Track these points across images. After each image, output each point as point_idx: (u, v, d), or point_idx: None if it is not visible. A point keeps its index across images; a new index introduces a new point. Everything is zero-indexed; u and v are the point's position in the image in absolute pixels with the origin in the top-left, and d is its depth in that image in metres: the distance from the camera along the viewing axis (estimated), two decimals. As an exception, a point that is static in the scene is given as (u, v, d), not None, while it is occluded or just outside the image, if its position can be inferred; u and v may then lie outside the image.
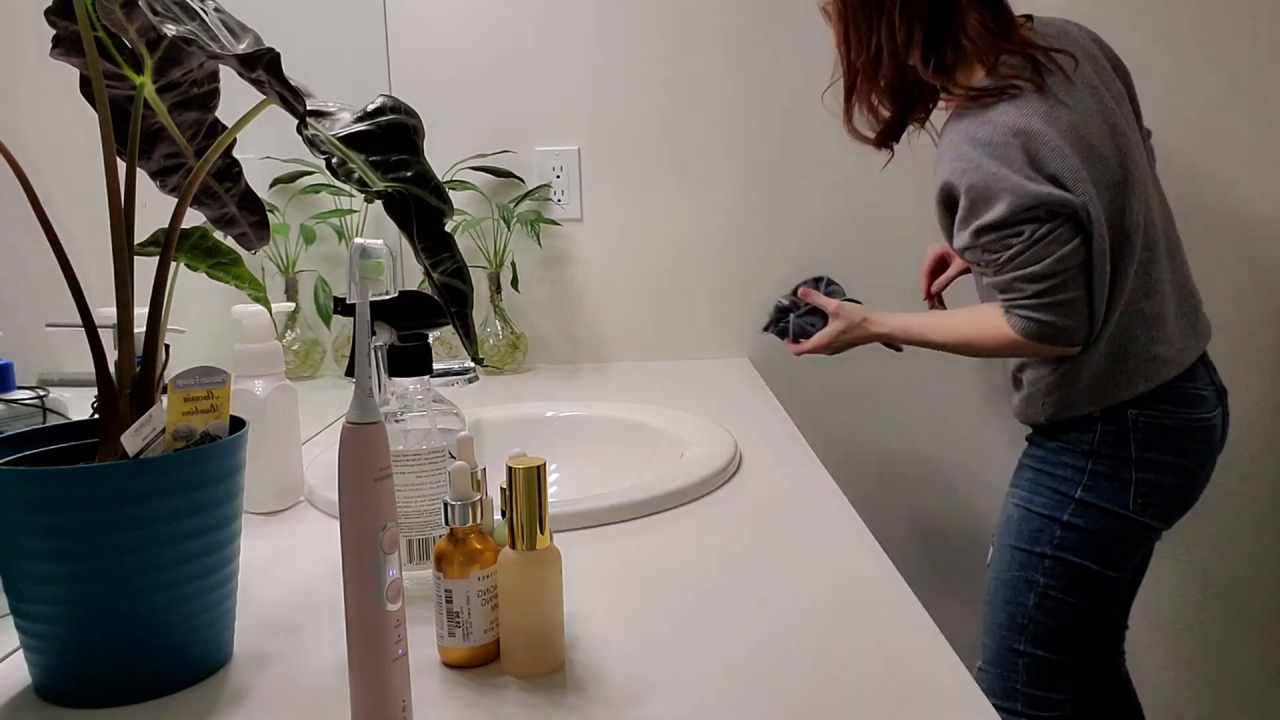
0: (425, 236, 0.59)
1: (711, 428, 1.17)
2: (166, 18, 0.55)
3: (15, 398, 0.71)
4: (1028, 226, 1.23)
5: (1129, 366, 1.31)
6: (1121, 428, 1.32)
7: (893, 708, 0.57)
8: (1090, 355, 1.30)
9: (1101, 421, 1.32)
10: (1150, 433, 1.32)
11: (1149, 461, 1.31)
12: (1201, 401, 1.34)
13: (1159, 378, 1.31)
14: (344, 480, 0.52)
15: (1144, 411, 1.32)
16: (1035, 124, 1.24)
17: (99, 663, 0.59)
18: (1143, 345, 1.31)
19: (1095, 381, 1.32)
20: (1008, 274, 1.26)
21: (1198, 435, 1.34)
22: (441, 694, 0.60)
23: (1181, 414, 1.32)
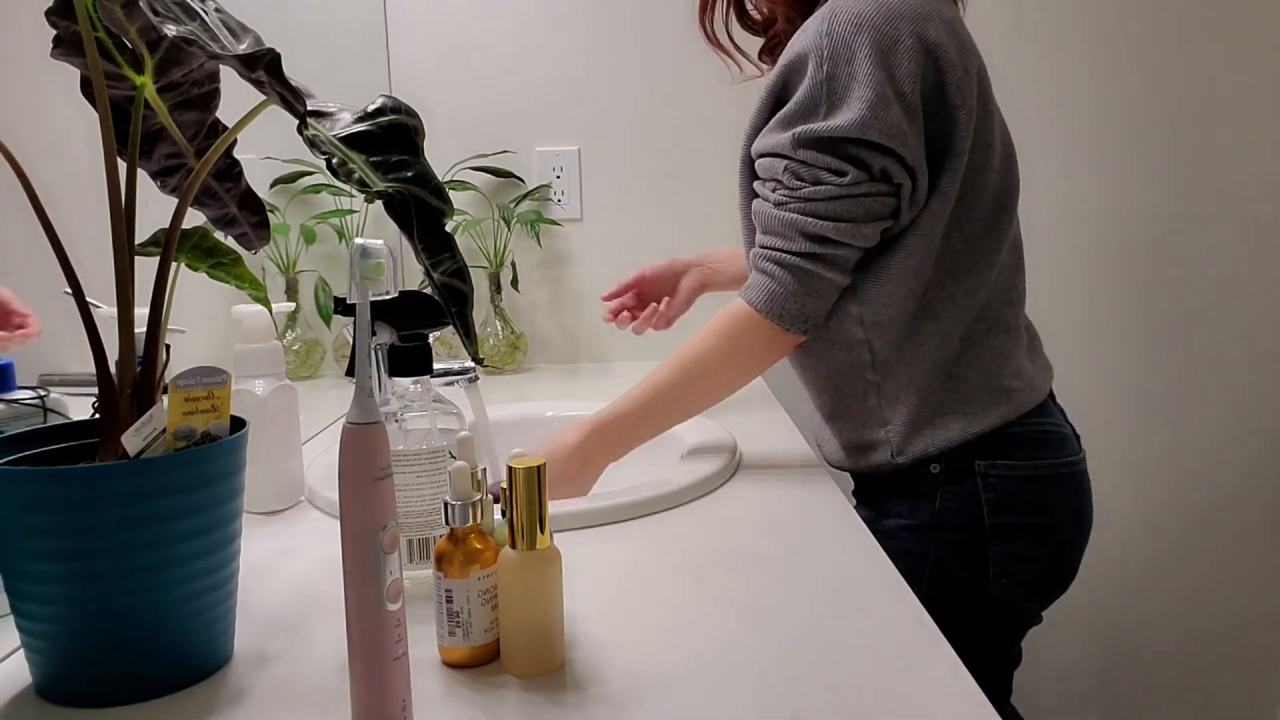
0: (425, 236, 0.59)
1: (711, 427, 1.17)
2: (167, 18, 0.55)
3: (15, 398, 0.71)
4: (853, 171, 0.95)
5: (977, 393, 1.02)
6: (969, 487, 1.02)
7: (893, 708, 0.57)
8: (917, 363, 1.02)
9: (944, 482, 1.03)
10: (1006, 490, 1.02)
11: (1007, 529, 1.02)
12: (1064, 442, 1.06)
13: (1016, 405, 1.03)
14: (344, 480, 0.52)
15: (994, 462, 1.02)
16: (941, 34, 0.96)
17: (99, 662, 0.59)
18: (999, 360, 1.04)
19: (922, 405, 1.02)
20: (793, 212, 0.98)
21: (1068, 485, 1.06)
22: (441, 694, 0.60)
23: (1045, 461, 1.04)
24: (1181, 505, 1.81)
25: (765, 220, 1.01)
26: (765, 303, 1.00)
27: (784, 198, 0.99)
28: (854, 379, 1.06)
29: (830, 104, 0.96)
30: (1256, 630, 1.84)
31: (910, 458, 1.03)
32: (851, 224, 0.97)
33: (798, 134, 0.97)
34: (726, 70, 1.18)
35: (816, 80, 0.96)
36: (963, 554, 1.03)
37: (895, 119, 0.94)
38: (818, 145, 0.97)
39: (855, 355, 1.04)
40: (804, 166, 0.98)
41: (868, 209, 0.97)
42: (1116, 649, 1.83)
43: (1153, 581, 1.82)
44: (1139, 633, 1.83)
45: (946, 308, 1.02)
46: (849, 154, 0.96)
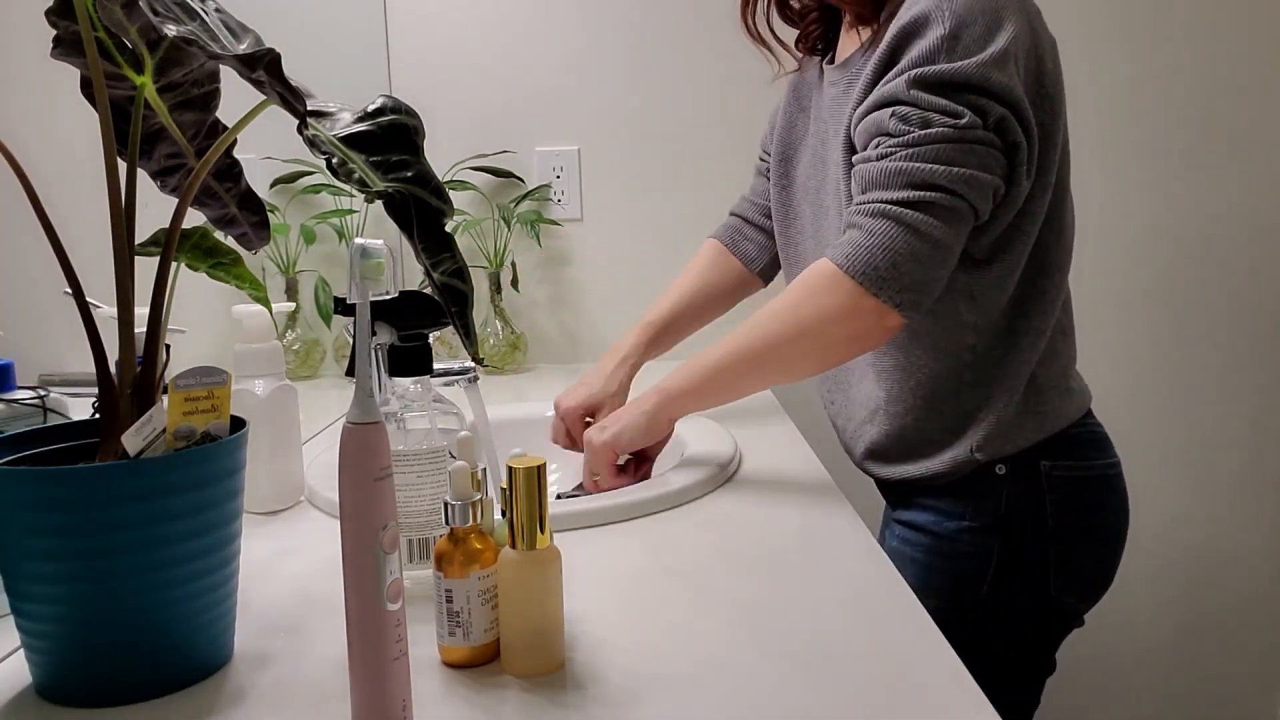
0: (425, 236, 0.59)
1: (711, 427, 1.17)
2: (167, 18, 0.55)
3: (15, 398, 0.71)
4: (969, 115, 0.87)
5: (1048, 394, 1.02)
6: (1034, 488, 1.00)
7: (893, 708, 0.57)
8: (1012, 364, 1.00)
9: (1009, 483, 1.00)
10: (1066, 491, 1.01)
11: (1068, 529, 1.01)
12: (1109, 443, 1.07)
13: (1079, 405, 1.04)
14: (344, 480, 0.52)
15: (1057, 463, 1.01)
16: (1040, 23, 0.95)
17: (100, 662, 0.59)
18: (1066, 358, 1.05)
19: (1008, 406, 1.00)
20: (900, 160, 0.89)
21: (1115, 485, 1.07)
22: (441, 694, 0.60)
23: (1098, 462, 1.04)
24: (1183, 506, 1.81)
25: (868, 174, 0.91)
26: (847, 256, 0.88)
27: (889, 149, 0.89)
28: (947, 382, 1.01)
29: (951, 51, 0.88)
30: (1257, 629, 1.84)
31: (989, 456, 1.00)
32: (967, 172, 0.87)
33: (912, 75, 0.89)
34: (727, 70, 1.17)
35: (937, 35, 0.89)
36: (1025, 555, 1.01)
37: (1014, 81, 0.89)
38: (932, 86, 0.88)
39: (958, 360, 1.00)
40: (913, 109, 0.89)
41: (981, 160, 0.88)
42: (1117, 647, 1.83)
43: (1153, 580, 1.82)
44: (1139, 632, 1.83)
45: (1038, 305, 0.99)
46: (965, 99, 0.88)
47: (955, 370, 1.01)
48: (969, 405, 1.01)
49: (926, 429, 1.04)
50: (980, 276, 0.98)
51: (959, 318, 0.99)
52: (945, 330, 1.00)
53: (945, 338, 1.00)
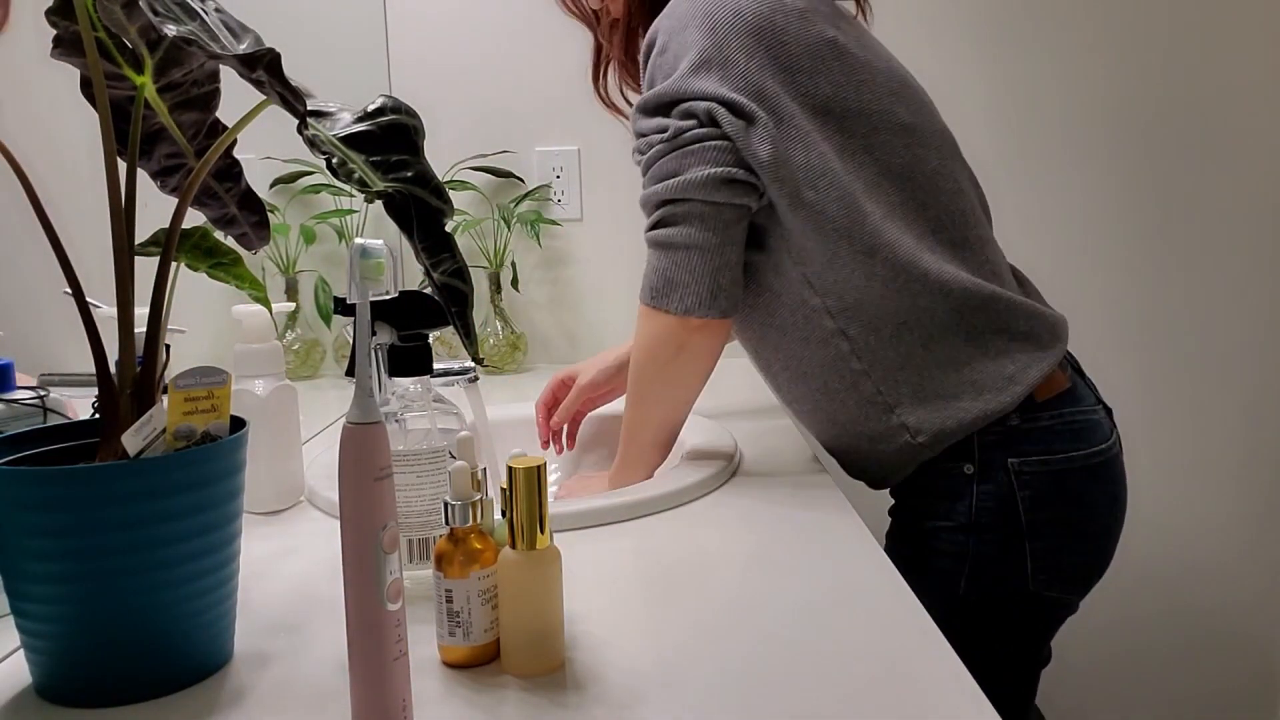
0: (425, 236, 0.59)
1: (711, 427, 1.17)
2: (167, 18, 0.55)
3: (15, 398, 0.71)
4: (674, 124, 0.96)
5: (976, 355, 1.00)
6: (1003, 485, 1.00)
7: (893, 708, 0.57)
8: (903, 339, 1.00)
9: (978, 481, 1.01)
10: (1040, 486, 1.00)
11: (1046, 524, 1.01)
12: (1095, 430, 1.04)
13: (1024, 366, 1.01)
14: (344, 480, 0.52)
15: (1027, 458, 1.00)
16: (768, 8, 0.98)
17: (99, 662, 0.59)
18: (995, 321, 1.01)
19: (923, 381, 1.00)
20: (644, 189, 0.99)
21: (1101, 475, 1.05)
22: (441, 694, 0.60)
23: (1077, 453, 1.02)
24: (1185, 505, 1.81)
25: (641, 208, 1.02)
26: (643, 291, 1.00)
27: (643, 180, 1.00)
28: (840, 372, 1.03)
29: (664, 73, 0.98)
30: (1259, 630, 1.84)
31: (930, 435, 1.01)
32: (685, 176, 0.95)
33: (634, 107, 1.00)
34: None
35: (653, 64, 1.00)
36: (1001, 552, 1.02)
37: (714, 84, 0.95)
38: (648, 110, 0.99)
39: (834, 348, 1.02)
40: (640, 139, 1.00)
41: (700, 157, 0.95)
42: (1117, 646, 1.83)
43: (1153, 580, 1.82)
44: (1139, 630, 1.83)
45: (921, 284, 0.99)
46: (677, 110, 0.96)
47: (838, 359, 1.02)
48: (874, 390, 1.02)
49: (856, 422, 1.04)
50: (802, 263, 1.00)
51: (807, 303, 1.01)
52: (804, 319, 1.02)
53: (806, 326, 1.03)
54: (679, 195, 0.96)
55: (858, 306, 1.00)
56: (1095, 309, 1.75)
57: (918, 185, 1.01)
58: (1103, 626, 1.80)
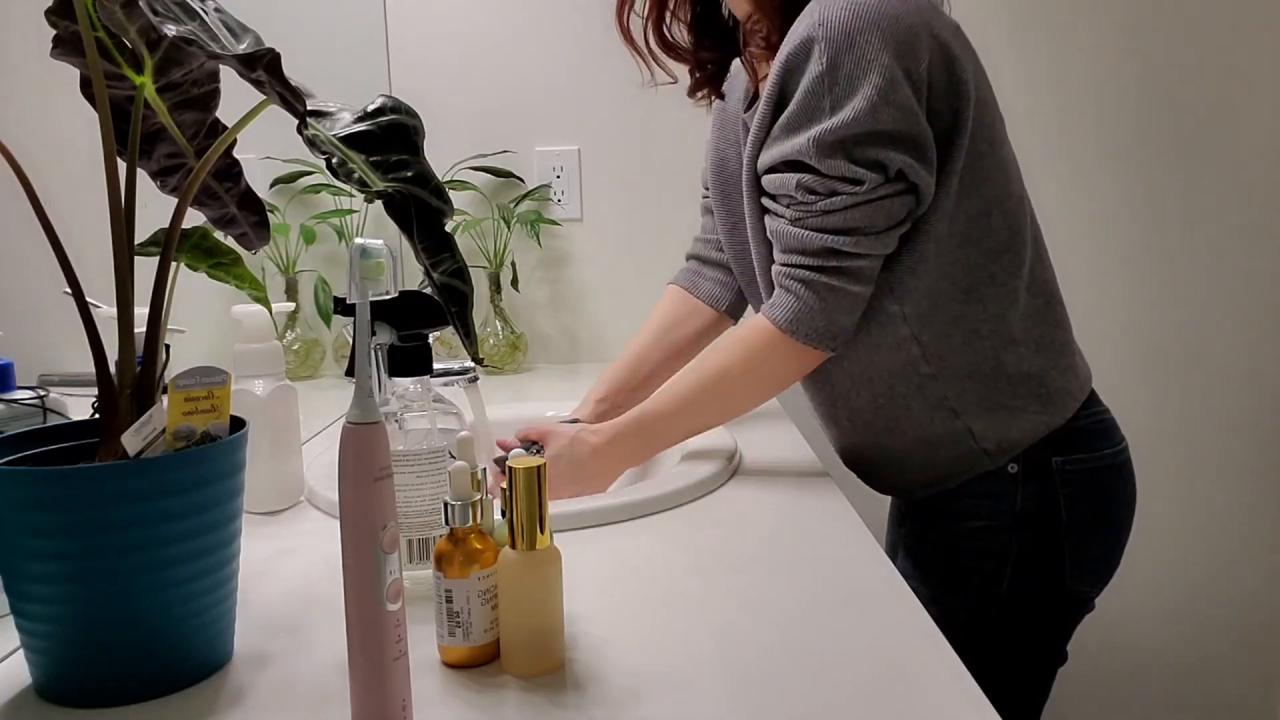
0: (425, 236, 0.59)
1: (711, 428, 1.17)
2: (167, 18, 0.55)
3: (15, 398, 0.71)
4: (870, 177, 0.92)
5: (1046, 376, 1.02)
6: (1047, 485, 1.02)
7: (893, 708, 0.57)
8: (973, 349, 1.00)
9: (1023, 481, 1.02)
10: (1079, 484, 1.03)
11: (1081, 520, 1.03)
12: (1115, 429, 1.08)
13: (1083, 384, 1.05)
14: (344, 480, 0.52)
15: (1069, 457, 1.02)
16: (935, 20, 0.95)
17: (99, 662, 0.59)
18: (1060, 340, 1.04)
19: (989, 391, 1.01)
20: (807, 229, 0.96)
21: (1123, 472, 1.08)
22: (441, 694, 0.60)
23: (1107, 451, 1.05)
24: (1186, 503, 1.81)
25: (783, 238, 0.98)
26: (789, 322, 0.97)
27: (800, 213, 0.96)
28: (907, 377, 1.02)
29: (834, 96, 0.91)
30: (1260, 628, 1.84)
31: (995, 444, 1.02)
32: (872, 234, 0.94)
33: (810, 139, 0.92)
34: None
35: (817, 73, 0.92)
36: (1042, 551, 1.03)
37: (905, 100, 0.91)
38: (830, 149, 0.92)
39: (905, 353, 1.01)
40: (818, 179, 0.94)
41: (886, 213, 0.94)
42: (1116, 644, 1.83)
43: (1154, 579, 1.82)
44: (1140, 628, 1.83)
45: (990, 290, 1.00)
46: (864, 157, 0.92)
47: (909, 363, 1.02)
48: (940, 395, 1.02)
49: (914, 426, 1.04)
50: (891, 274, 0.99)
51: (885, 311, 1.01)
52: (878, 326, 1.01)
53: (879, 332, 1.02)
54: (861, 251, 0.95)
55: (932, 313, 1.00)
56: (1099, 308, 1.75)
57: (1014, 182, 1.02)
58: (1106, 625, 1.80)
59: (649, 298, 1.54)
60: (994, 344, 1.01)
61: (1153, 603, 1.82)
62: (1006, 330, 1.01)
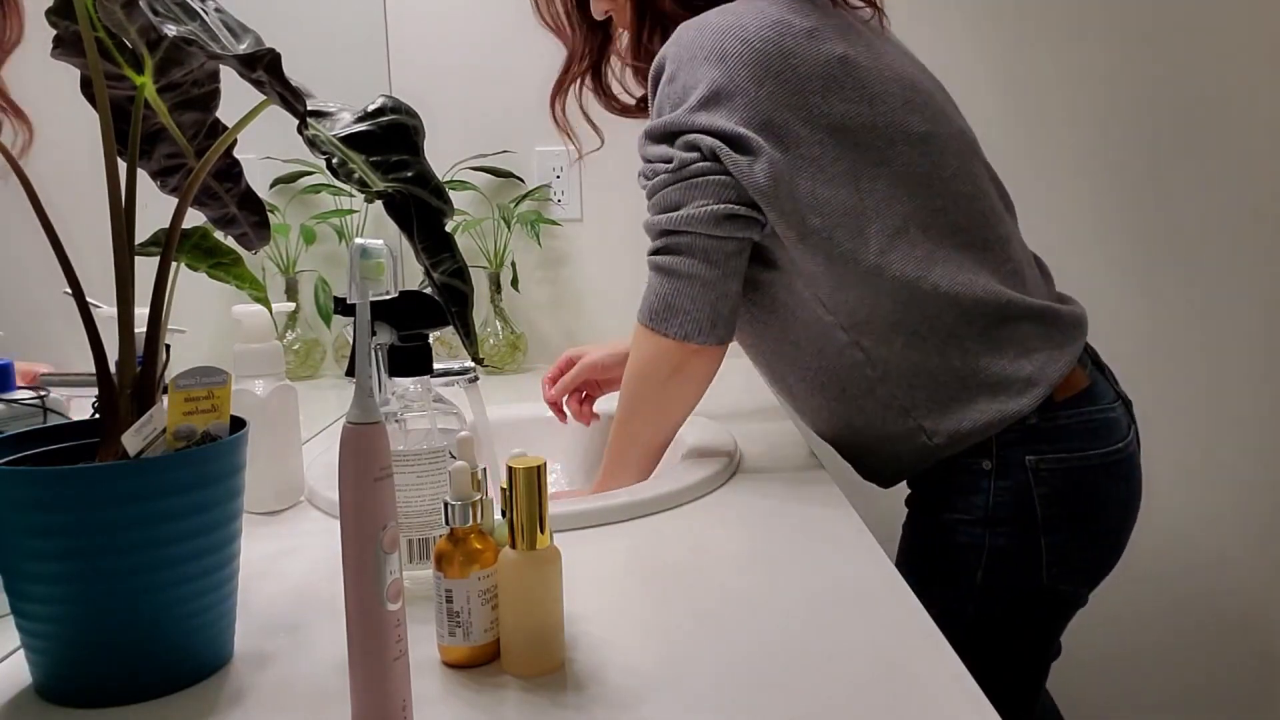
0: (425, 236, 0.59)
1: (711, 427, 1.17)
2: (167, 18, 0.55)
3: (15, 398, 0.71)
4: (679, 155, 0.97)
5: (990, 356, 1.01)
6: (1020, 482, 1.02)
7: (893, 708, 0.57)
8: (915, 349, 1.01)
9: (995, 477, 1.03)
10: (1057, 483, 1.02)
11: (1061, 519, 1.03)
12: (1112, 428, 1.05)
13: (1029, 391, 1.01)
14: (344, 480, 0.52)
15: (1044, 456, 1.02)
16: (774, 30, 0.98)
17: (100, 662, 0.59)
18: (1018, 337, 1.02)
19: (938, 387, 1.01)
20: (648, 214, 1.02)
21: (1117, 472, 1.06)
22: (441, 694, 0.60)
23: (1094, 451, 1.04)
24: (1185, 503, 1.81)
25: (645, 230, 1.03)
26: (641, 311, 1.01)
27: (648, 206, 1.02)
28: (856, 380, 1.05)
29: (671, 101, 1.00)
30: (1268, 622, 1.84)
31: (946, 437, 1.02)
32: (697, 211, 0.96)
33: (642, 133, 1.02)
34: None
35: (662, 90, 1.01)
36: (1017, 546, 1.03)
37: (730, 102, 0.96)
38: (654, 138, 1.00)
39: (849, 358, 1.04)
40: (646, 164, 1.02)
41: (702, 191, 0.96)
42: (1126, 638, 1.83)
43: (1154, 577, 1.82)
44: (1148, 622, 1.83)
45: (925, 295, 0.99)
46: (680, 142, 0.98)
47: (853, 366, 1.04)
48: (889, 394, 1.03)
49: (872, 425, 1.06)
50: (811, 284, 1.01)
51: (820, 319, 1.03)
52: (818, 334, 1.04)
53: (820, 339, 1.04)
54: (681, 228, 0.97)
55: (869, 321, 1.01)
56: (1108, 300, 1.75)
57: (934, 192, 1.02)
58: (1112, 619, 1.80)
59: (649, 298, 1.54)
60: (936, 342, 1.01)
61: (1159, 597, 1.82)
62: (947, 327, 1.01)
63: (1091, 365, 1.09)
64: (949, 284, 1.00)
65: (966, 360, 1.02)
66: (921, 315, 1.00)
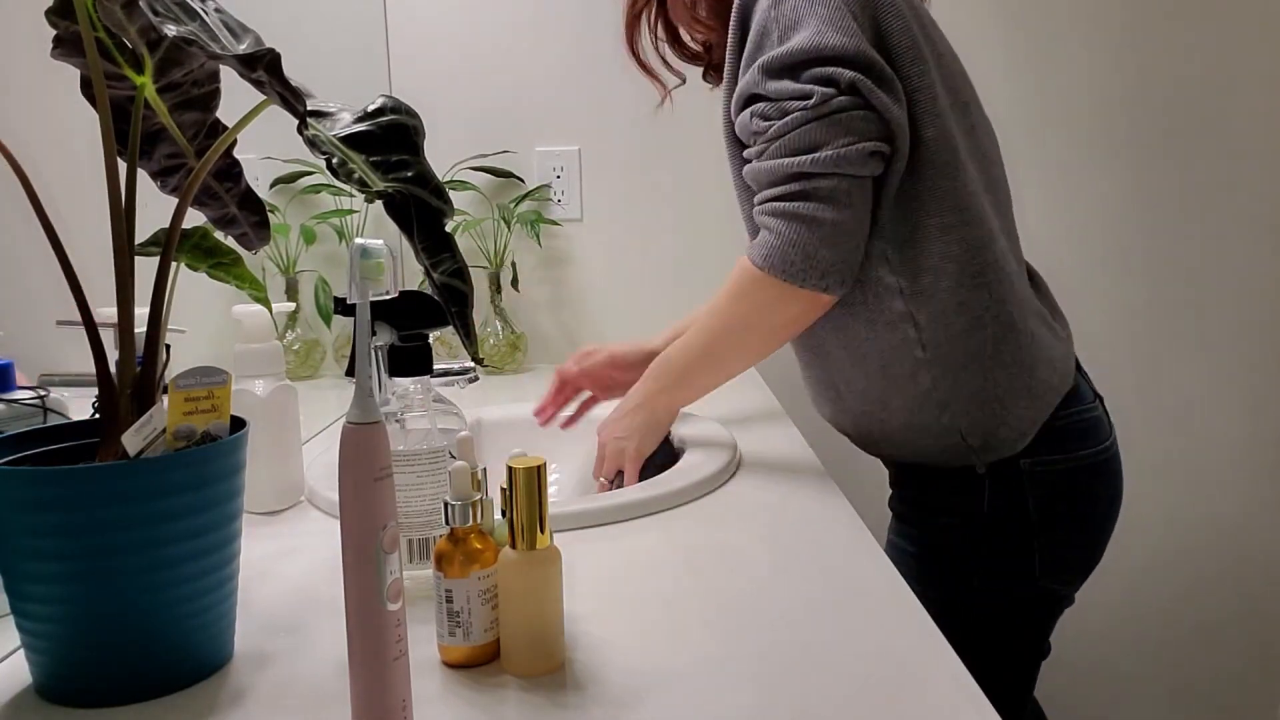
0: (425, 236, 0.59)
1: (711, 427, 1.17)
2: (167, 18, 0.55)
3: (15, 398, 0.71)
4: (818, 90, 0.90)
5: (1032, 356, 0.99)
6: (1014, 486, 1.01)
7: (892, 708, 0.57)
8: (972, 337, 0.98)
9: (990, 481, 1.02)
10: (1049, 485, 1.01)
11: (1053, 520, 1.02)
12: (1099, 427, 1.05)
13: (1054, 395, 1.01)
14: (344, 480, 0.52)
15: (1038, 459, 1.01)
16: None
17: (100, 662, 0.59)
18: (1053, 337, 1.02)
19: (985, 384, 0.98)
20: (770, 158, 0.94)
21: (1104, 471, 1.05)
22: (441, 694, 0.60)
23: (1084, 452, 1.03)
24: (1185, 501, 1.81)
25: (754, 177, 0.96)
26: (764, 258, 0.94)
27: (761, 146, 0.95)
28: (901, 360, 1.00)
29: (781, 28, 0.92)
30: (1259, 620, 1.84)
31: (983, 438, 1.00)
32: (835, 150, 0.90)
33: (758, 66, 0.93)
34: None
35: (765, 13, 0.94)
36: (1011, 548, 1.03)
37: (851, 28, 0.91)
38: (778, 72, 0.92)
39: (901, 333, 0.99)
40: (769, 103, 0.93)
41: (846, 128, 0.91)
42: (1115, 642, 1.83)
43: (1154, 574, 1.82)
44: (1140, 625, 1.83)
45: (993, 273, 0.97)
46: (812, 74, 0.91)
47: (904, 344, 1.00)
48: (930, 384, 1.00)
49: (904, 410, 1.03)
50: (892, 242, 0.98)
51: (881, 280, 0.99)
52: (874, 297, 1.00)
53: (876, 304, 1.00)
54: (824, 170, 0.91)
55: (932, 291, 0.97)
56: (1096, 299, 1.75)
57: (994, 165, 1.02)
58: (1102, 618, 1.81)
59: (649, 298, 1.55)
60: (995, 331, 0.98)
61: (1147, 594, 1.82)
62: (1008, 316, 0.98)
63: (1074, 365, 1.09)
64: (1004, 262, 0.99)
65: (1018, 356, 0.99)
66: (983, 296, 0.97)
